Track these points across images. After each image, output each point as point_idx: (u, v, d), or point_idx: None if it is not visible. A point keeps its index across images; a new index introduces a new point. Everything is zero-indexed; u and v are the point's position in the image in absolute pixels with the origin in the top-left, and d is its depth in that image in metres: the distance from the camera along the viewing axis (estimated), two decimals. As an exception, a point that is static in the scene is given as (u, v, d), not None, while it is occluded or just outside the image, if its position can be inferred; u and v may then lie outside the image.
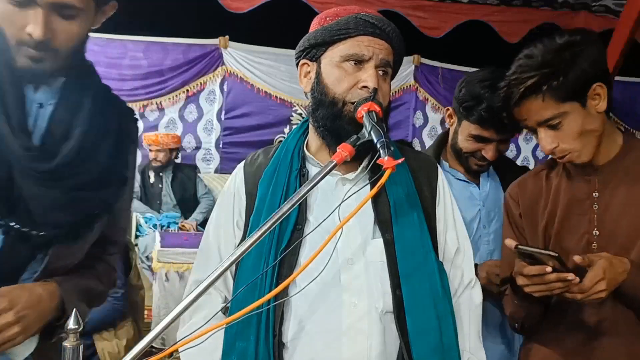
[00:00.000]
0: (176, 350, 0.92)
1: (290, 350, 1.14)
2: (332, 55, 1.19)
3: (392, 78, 1.26)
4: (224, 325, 0.95)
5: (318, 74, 1.21)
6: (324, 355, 1.12)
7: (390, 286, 1.15)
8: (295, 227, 1.16)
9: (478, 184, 1.76)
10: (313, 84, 1.22)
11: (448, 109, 1.77)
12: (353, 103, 1.14)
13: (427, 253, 1.17)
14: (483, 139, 1.64)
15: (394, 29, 1.23)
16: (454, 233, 1.28)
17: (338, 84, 1.17)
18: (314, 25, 1.25)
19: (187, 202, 4.51)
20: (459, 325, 1.21)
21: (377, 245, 1.17)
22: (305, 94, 1.27)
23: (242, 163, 1.31)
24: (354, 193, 1.05)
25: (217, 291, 1.24)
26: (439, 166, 1.33)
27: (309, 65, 1.24)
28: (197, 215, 4.44)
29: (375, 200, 1.15)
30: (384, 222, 1.18)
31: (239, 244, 1.23)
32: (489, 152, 1.65)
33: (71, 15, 1.05)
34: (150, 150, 4.46)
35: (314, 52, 1.22)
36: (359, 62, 1.17)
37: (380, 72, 1.18)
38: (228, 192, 1.29)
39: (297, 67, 1.28)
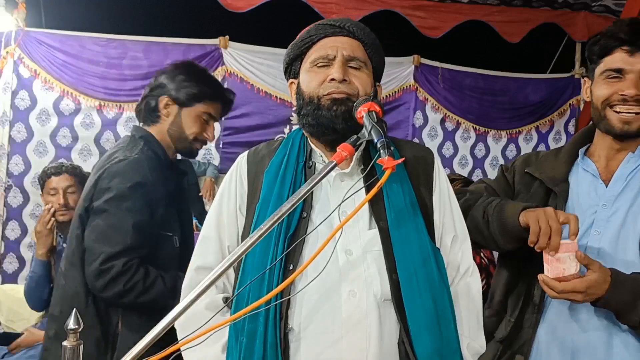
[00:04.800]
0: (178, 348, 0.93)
1: (296, 334, 1.18)
2: (305, 65, 1.30)
3: (379, 69, 1.34)
4: (226, 324, 0.96)
5: (298, 85, 1.31)
6: (325, 340, 1.16)
7: (387, 272, 1.18)
8: (301, 215, 1.22)
9: None
10: (297, 95, 1.31)
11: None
12: (327, 95, 1.23)
13: (422, 238, 1.21)
14: None
15: (357, 24, 1.31)
16: (450, 220, 1.31)
17: (310, 84, 1.27)
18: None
19: (189, 192, 4.52)
20: (458, 311, 1.24)
21: (373, 235, 1.22)
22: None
23: (245, 153, 1.38)
24: (354, 194, 1.10)
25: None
26: (435, 155, 1.37)
27: (294, 83, 1.34)
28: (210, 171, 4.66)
29: (369, 191, 1.17)
30: (378, 211, 1.22)
31: (243, 230, 1.29)
32: None
33: None
34: None
35: (293, 69, 1.35)
36: (327, 62, 1.26)
37: (351, 65, 1.25)
38: (230, 180, 1.35)
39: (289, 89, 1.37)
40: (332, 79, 1.22)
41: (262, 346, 1.14)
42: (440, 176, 1.33)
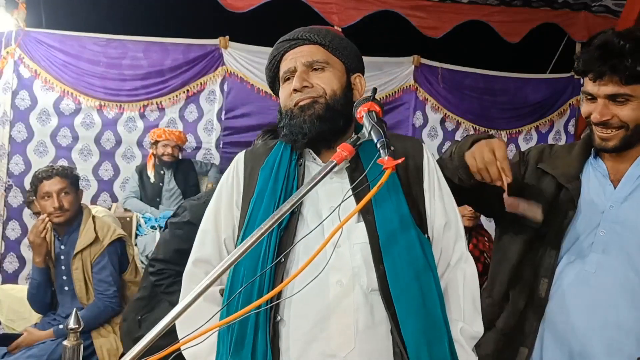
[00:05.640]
0: (178, 349, 0.93)
1: (286, 324, 1.23)
2: (280, 83, 1.39)
3: (352, 61, 1.37)
4: (216, 328, 0.96)
5: (278, 103, 1.40)
6: (314, 329, 1.20)
7: (374, 262, 1.22)
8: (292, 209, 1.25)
9: None
10: (278, 112, 1.39)
11: None
12: (295, 105, 1.31)
13: (406, 227, 1.24)
14: None
15: (310, 29, 1.38)
16: (441, 206, 1.34)
17: (282, 98, 1.37)
18: None
19: (190, 192, 4.52)
20: (454, 298, 1.29)
21: (360, 228, 1.26)
22: None
23: (243, 151, 1.46)
24: (350, 196, 1.13)
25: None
26: (424, 145, 1.40)
27: None
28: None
29: (356, 188, 1.20)
30: (365, 205, 1.23)
31: (239, 222, 1.35)
32: None
33: None
34: (160, 145, 4.45)
35: (276, 90, 1.43)
36: (291, 74, 1.34)
37: (314, 68, 1.33)
38: (228, 176, 1.42)
39: None
40: (295, 90, 1.31)
41: (252, 332, 1.18)
42: (429, 165, 1.36)
